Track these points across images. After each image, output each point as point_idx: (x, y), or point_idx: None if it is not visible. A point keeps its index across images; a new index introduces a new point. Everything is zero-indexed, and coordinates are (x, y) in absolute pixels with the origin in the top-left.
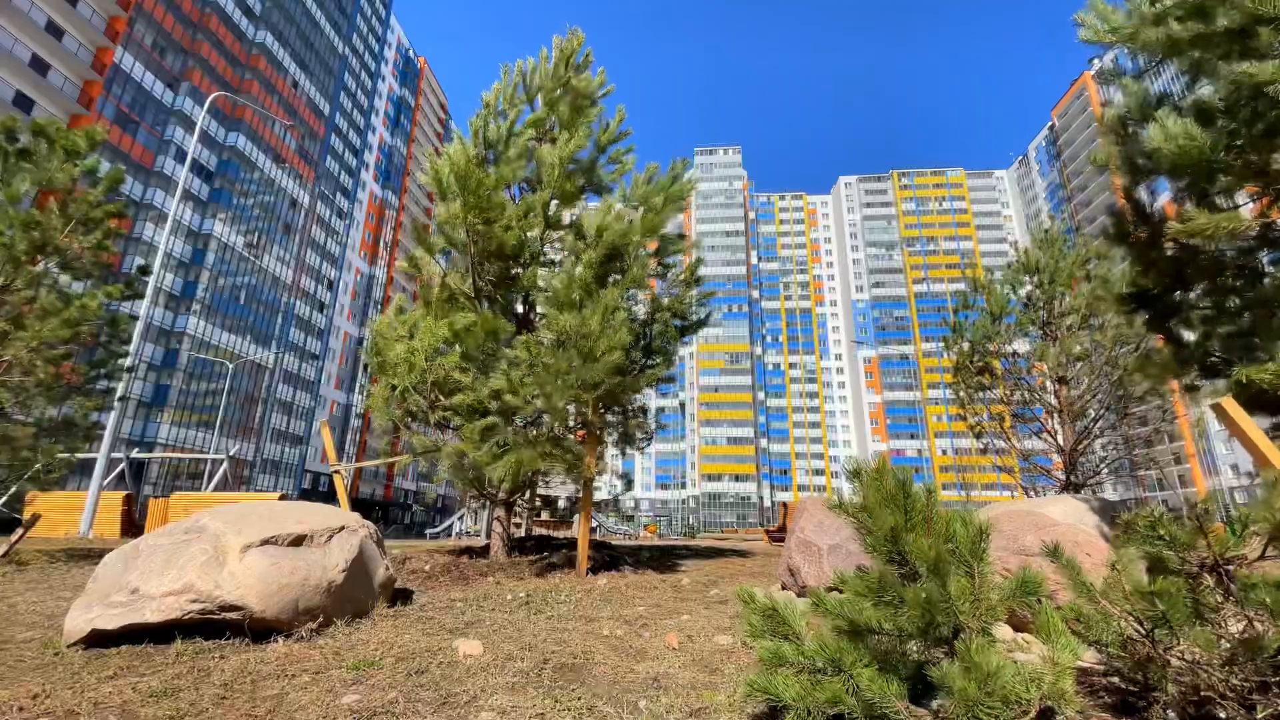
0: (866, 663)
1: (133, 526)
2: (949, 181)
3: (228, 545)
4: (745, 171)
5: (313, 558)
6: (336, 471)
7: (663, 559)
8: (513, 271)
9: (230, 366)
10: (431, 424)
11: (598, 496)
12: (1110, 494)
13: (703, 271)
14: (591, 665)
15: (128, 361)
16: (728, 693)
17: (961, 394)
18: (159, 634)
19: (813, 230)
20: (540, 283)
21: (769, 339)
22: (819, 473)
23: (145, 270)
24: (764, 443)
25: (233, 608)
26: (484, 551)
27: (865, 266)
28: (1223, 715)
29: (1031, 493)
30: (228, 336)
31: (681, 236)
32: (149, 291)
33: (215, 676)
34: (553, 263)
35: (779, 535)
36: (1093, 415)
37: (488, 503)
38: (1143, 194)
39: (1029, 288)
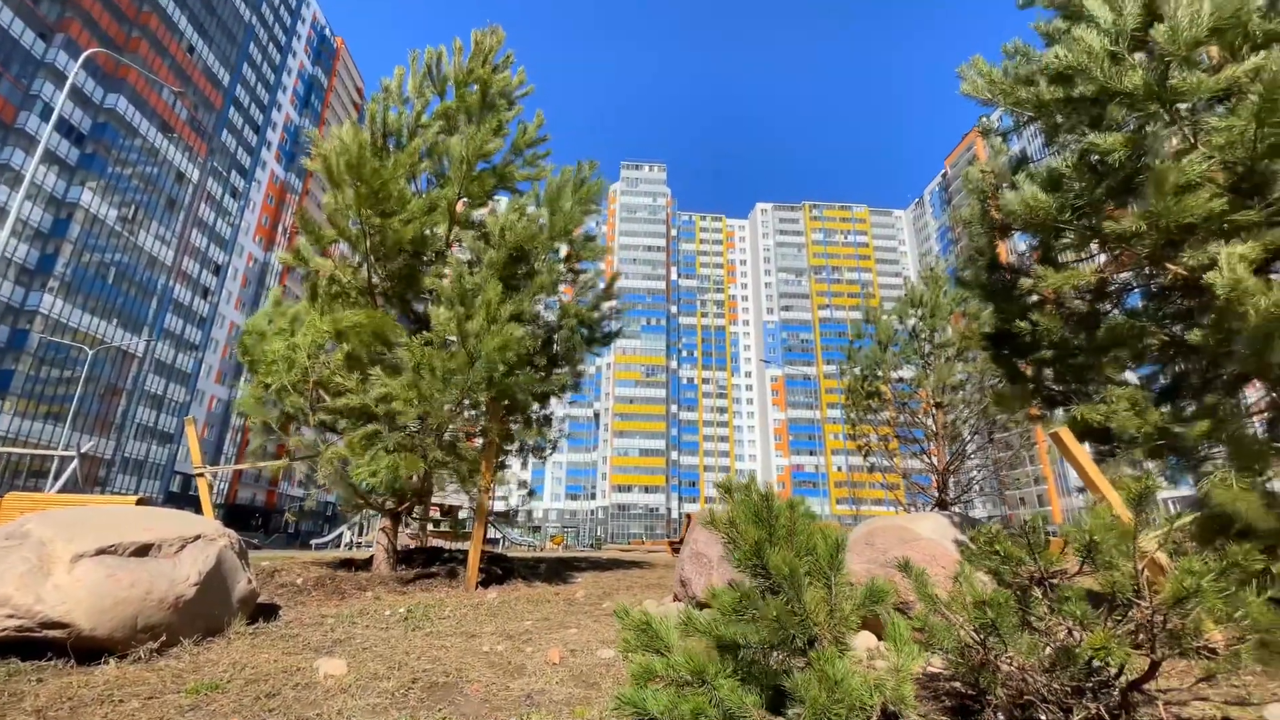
0: (730, 674)
1: None
2: (854, 216)
3: (55, 554)
4: (669, 189)
5: (159, 569)
6: (201, 474)
7: (560, 571)
8: (416, 269)
9: (90, 352)
10: (312, 426)
11: (502, 507)
12: (979, 511)
13: (624, 284)
14: (464, 684)
15: None
16: (601, 708)
17: (852, 415)
18: None
19: (730, 252)
20: (445, 283)
21: (685, 354)
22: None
23: None
24: (675, 455)
25: (56, 625)
26: (367, 564)
27: (776, 290)
28: (1043, 718)
29: (912, 509)
30: (90, 319)
31: (590, 239)
32: None
33: (28, 702)
34: (462, 262)
35: (681, 546)
36: (964, 439)
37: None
38: (1003, 246)
39: (914, 320)
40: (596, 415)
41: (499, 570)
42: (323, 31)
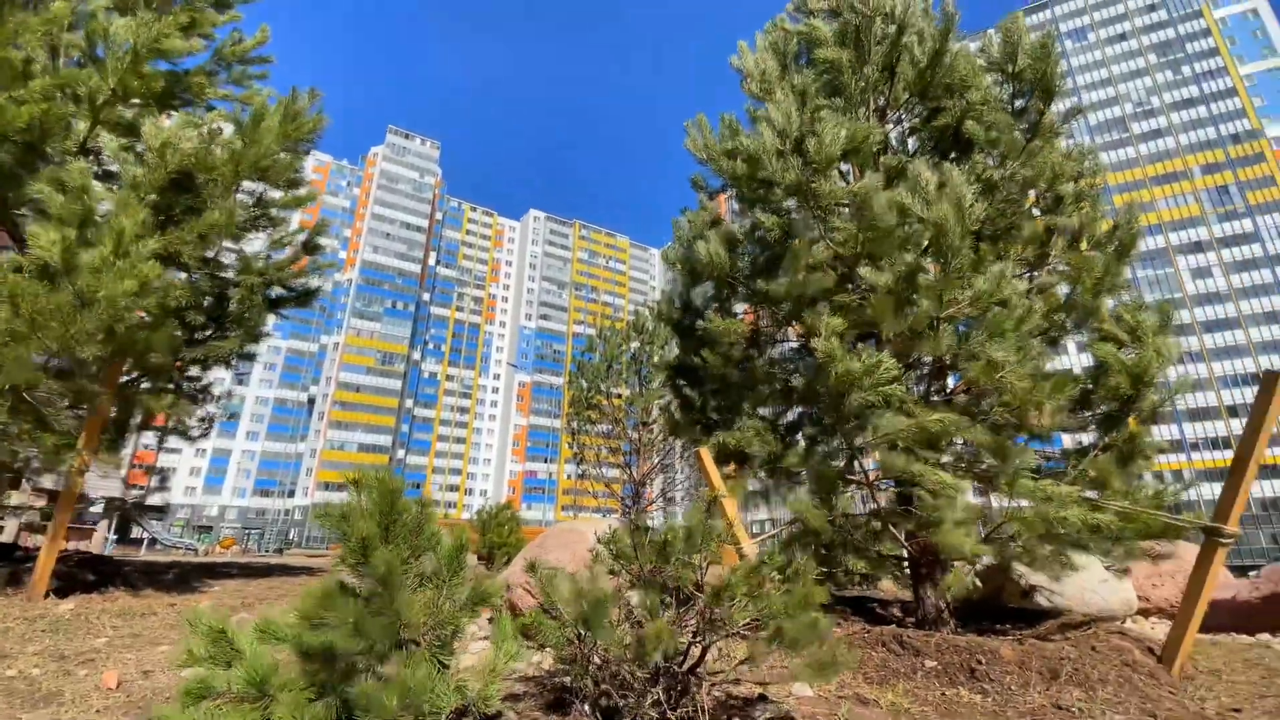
0: (306, 686)
1: None
2: (617, 245)
3: None
4: (441, 170)
5: None
6: None
7: (195, 577)
8: (30, 168)
9: None
10: None
11: (150, 500)
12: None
13: (373, 258)
14: None
15: None
16: None
17: (574, 424)
18: None
19: (497, 250)
20: (60, 198)
21: (431, 346)
22: (454, 488)
23: None
24: (402, 454)
25: None
26: None
27: (538, 297)
28: (622, 704)
29: (629, 515)
30: None
31: (295, 183)
32: None
33: None
34: (112, 175)
35: None
36: (662, 455)
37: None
38: (693, 292)
39: (635, 345)
40: (311, 401)
41: (93, 575)
42: None
